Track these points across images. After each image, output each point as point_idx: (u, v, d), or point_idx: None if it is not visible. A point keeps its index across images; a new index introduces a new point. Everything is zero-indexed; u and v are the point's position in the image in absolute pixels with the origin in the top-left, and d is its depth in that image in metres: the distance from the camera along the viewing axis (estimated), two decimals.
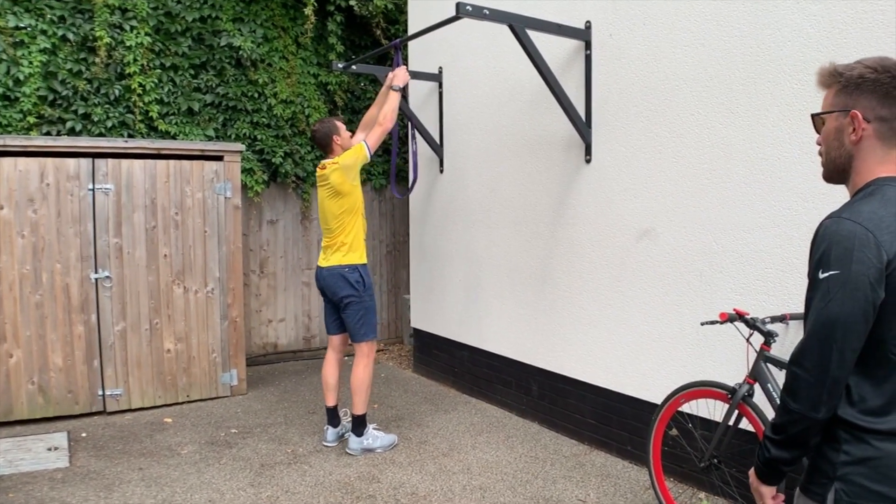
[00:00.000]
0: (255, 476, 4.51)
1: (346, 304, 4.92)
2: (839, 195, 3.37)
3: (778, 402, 3.28)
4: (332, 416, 5.10)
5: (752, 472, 1.86)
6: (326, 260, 4.96)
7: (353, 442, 4.94)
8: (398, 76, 5.03)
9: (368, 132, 4.99)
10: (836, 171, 1.81)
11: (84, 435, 5.24)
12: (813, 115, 1.85)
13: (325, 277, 4.93)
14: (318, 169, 5.00)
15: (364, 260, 5.00)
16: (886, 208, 1.63)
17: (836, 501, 1.65)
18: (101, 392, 5.67)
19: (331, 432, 5.08)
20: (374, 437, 4.99)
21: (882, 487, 1.62)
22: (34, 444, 5.02)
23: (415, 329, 7.24)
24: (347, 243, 4.90)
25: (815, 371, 1.64)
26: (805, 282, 3.46)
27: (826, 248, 1.64)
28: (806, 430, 1.67)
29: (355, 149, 4.84)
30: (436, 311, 6.82)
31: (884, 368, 1.65)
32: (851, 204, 1.69)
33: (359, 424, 4.95)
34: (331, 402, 5.09)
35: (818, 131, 1.85)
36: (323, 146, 5.00)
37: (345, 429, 5.12)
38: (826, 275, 1.63)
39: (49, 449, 4.92)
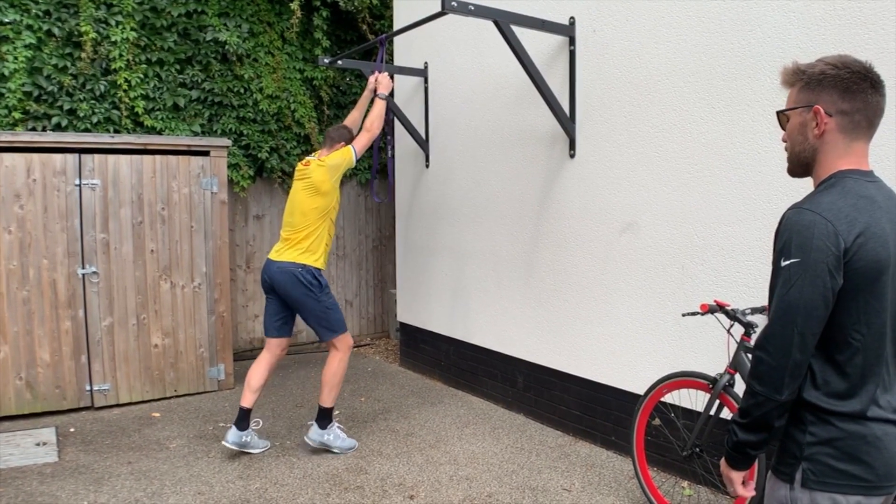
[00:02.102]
0: (244, 469, 4.54)
1: (301, 305, 4.72)
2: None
3: None
4: (242, 418, 4.73)
5: (723, 459, 1.93)
6: (279, 254, 4.75)
7: (314, 433, 4.81)
8: (382, 84, 5.04)
9: (357, 136, 4.92)
10: (800, 165, 1.88)
11: (72, 430, 5.26)
12: (778, 112, 1.92)
13: (275, 273, 4.70)
14: (299, 164, 4.93)
15: (320, 265, 4.78)
16: (846, 199, 1.71)
17: (803, 480, 1.74)
18: (88, 387, 5.68)
19: (232, 433, 4.70)
20: (336, 435, 4.85)
21: (846, 466, 1.71)
22: (22, 439, 5.03)
23: (401, 323, 7.29)
24: (307, 244, 4.73)
25: (777, 355, 1.71)
26: None
27: (788, 237, 1.72)
28: (770, 412, 1.74)
29: (342, 151, 4.82)
30: (422, 305, 6.87)
31: (845, 353, 1.73)
32: (813, 195, 1.77)
33: (323, 417, 4.82)
34: (245, 403, 4.73)
35: (783, 128, 1.92)
36: (331, 140, 4.92)
37: (249, 435, 4.75)
38: (787, 262, 1.70)
39: (37, 444, 4.93)
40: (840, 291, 1.70)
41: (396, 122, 6.65)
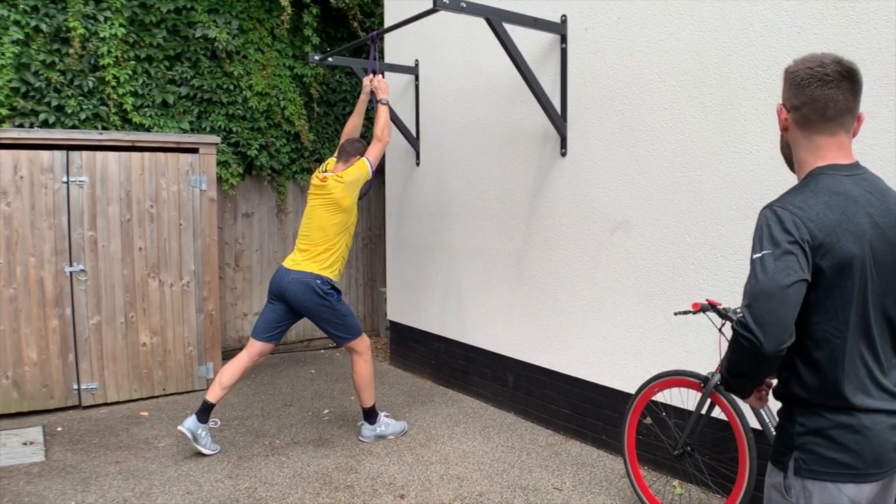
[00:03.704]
0: (233, 468, 4.52)
1: (317, 315, 4.74)
2: None
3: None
4: (203, 410, 4.69)
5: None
6: (296, 264, 4.75)
7: (366, 430, 5.00)
8: (381, 88, 5.03)
9: (369, 148, 4.92)
10: (787, 160, 1.99)
11: (60, 429, 5.21)
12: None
13: (290, 283, 4.69)
14: (315, 178, 4.89)
15: (336, 276, 4.80)
16: (817, 197, 1.78)
17: (795, 469, 1.81)
18: (76, 386, 5.64)
19: (191, 420, 4.65)
20: (386, 424, 5.05)
21: (835, 454, 1.76)
22: (9, 438, 4.98)
23: (391, 322, 7.27)
24: (325, 257, 4.75)
25: (749, 336, 1.70)
26: None
27: (761, 232, 1.77)
28: (744, 373, 1.81)
29: (359, 165, 4.81)
30: (412, 304, 6.85)
31: (823, 350, 1.78)
32: (787, 194, 1.84)
33: (370, 415, 5.00)
34: (211, 398, 4.70)
35: None
36: (347, 154, 4.89)
37: (204, 430, 4.68)
38: (760, 254, 1.75)
39: (24, 443, 4.89)
40: (812, 289, 1.75)
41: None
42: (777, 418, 1.95)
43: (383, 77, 5.19)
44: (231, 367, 4.81)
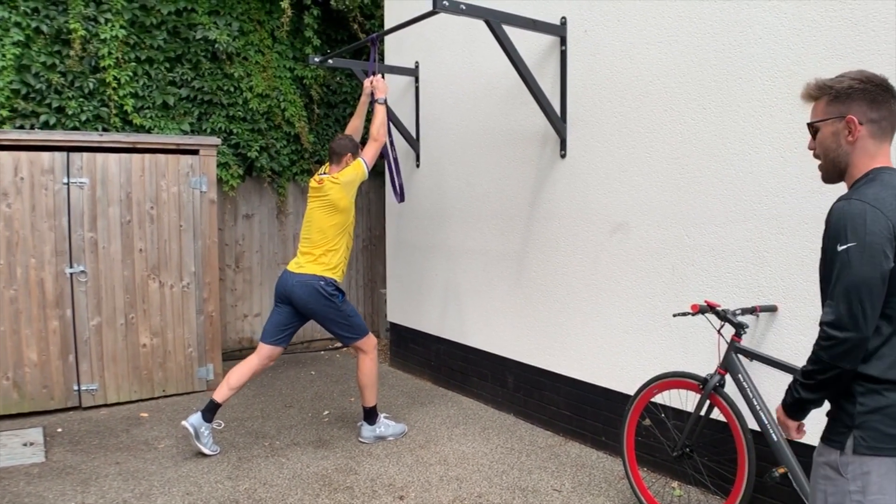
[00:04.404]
0: (233, 469, 4.52)
1: (323, 316, 4.79)
2: (806, 190, 3.46)
3: (749, 391, 3.37)
4: (209, 409, 4.70)
5: (778, 407, 2.18)
6: (300, 267, 4.80)
7: (366, 430, 5.02)
8: (379, 88, 5.05)
9: (364, 149, 4.93)
10: (835, 171, 2.10)
11: (60, 430, 5.22)
12: (809, 124, 2.12)
13: (294, 286, 4.73)
14: (312, 181, 4.92)
15: (339, 277, 4.84)
16: (886, 190, 1.93)
17: (854, 447, 1.92)
18: (76, 387, 5.64)
19: (196, 417, 4.68)
20: (386, 425, 5.08)
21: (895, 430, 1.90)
22: (9, 439, 4.99)
23: (391, 323, 7.27)
24: (327, 259, 4.79)
25: (844, 330, 1.88)
26: (773, 274, 3.54)
27: (842, 224, 1.91)
28: (833, 378, 1.94)
29: (354, 166, 4.84)
30: (412, 306, 6.86)
31: (891, 325, 1.92)
32: (857, 189, 1.98)
33: (370, 415, 5.03)
34: (218, 398, 4.70)
35: (813, 137, 2.12)
36: (337, 155, 4.89)
37: (207, 429, 4.70)
38: (844, 247, 1.89)
39: (24, 444, 4.89)
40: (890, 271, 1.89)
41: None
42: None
43: (382, 78, 5.19)
44: (240, 369, 4.82)
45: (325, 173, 4.96)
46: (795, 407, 2.10)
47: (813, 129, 2.11)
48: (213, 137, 6.30)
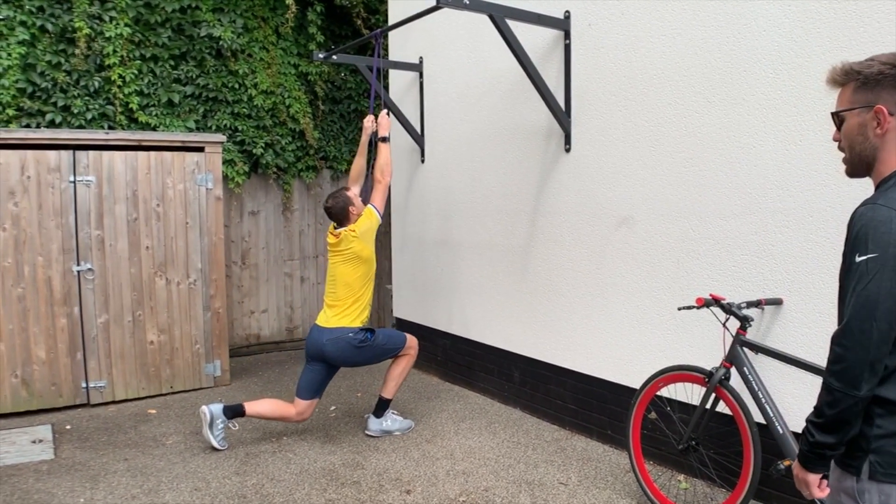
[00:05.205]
0: (241, 465, 4.54)
1: (363, 360, 4.84)
2: (811, 183, 3.45)
3: (755, 384, 3.36)
4: (234, 410, 4.74)
5: (795, 463, 1.89)
6: (328, 321, 4.75)
7: (373, 423, 5.05)
8: (382, 125, 4.99)
9: (372, 193, 4.88)
10: (861, 165, 1.85)
11: (68, 427, 5.25)
12: (833, 113, 1.88)
13: (326, 344, 4.66)
14: (329, 235, 4.87)
15: (366, 318, 4.86)
16: None
17: (870, 472, 1.73)
18: (84, 384, 5.67)
19: (217, 407, 4.75)
20: (393, 420, 5.11)
21: None
22: (18, 436, 5.02)
23: (397, 318, 7.28)
24: (354, 308, 4.76)
25: (856, 350, 1.68)
26: (778, 267, 3.54)
27: (863, 232, 1.69)
28: (849, 409, 1.70)
29: (366, 214, 4.79)
30: (418, 301, 6.87)
31: None
32: (885, 192, 1.74)
33: (381, 407, 5.05)
34: (248, 408, 4.75)
35: (838, 128, 1.88)
36: (340, 219, 4.83)
37: (223, 423, 4.77)
38: (864, 258, 1.68)
39: (33, 441, 4.93)
40: None
41: (392, 118, 6.63)
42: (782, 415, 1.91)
43: (388, 115, 5.11)
44: (277, 406, 4.82)
45: (339, 227, 4.87)
46: (812, 455, 1.80)
47: (838, 118, 1.86)
48: (219, 134, 6.32)
